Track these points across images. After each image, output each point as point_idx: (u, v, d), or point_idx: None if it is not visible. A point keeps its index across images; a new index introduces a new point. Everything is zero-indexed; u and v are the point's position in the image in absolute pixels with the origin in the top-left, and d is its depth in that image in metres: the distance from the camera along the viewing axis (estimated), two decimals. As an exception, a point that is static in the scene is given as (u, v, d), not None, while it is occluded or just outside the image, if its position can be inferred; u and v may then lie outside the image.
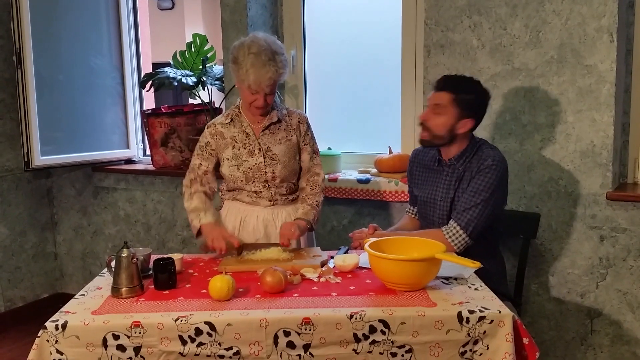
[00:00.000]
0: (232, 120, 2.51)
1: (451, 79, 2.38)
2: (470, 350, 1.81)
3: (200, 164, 2.54)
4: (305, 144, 2.55)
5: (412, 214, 2.67)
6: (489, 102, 2.41)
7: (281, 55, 2.37)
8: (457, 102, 2.32)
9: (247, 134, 2.48)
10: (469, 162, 2.36)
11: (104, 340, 1.77)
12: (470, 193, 2.30)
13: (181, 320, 1.78)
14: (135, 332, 1.78)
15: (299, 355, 1.80)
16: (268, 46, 2.35)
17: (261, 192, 2.50)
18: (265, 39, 2.38)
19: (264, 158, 2.47)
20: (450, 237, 2.30)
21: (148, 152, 3.94)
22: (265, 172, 2.47)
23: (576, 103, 2.74)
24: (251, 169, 2.47)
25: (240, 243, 2.37)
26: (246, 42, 2.38)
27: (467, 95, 2.33)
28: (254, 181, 2.49)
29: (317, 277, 2.11)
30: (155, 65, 4.45)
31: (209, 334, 1.78)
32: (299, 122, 2.54)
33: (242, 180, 2.49)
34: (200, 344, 1.78)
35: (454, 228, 2.30)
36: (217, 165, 2.55)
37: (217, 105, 3.63)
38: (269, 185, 2.50)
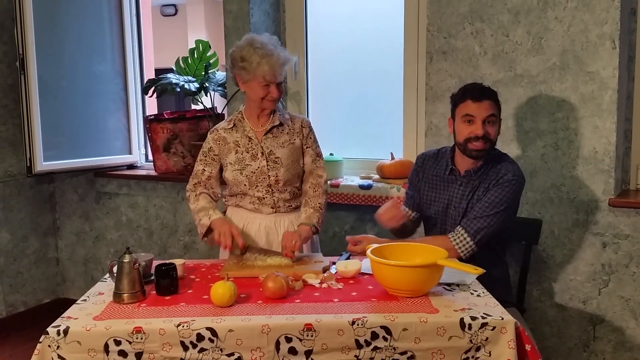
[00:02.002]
0: (234, 125, 2.52)
1: (485, 88, 2.37)
2: (473, 356, 1.80)
3: (204, 169, 2.54)
4: (307, 147, 2.55)
5: (406, 213, 2.65)
6: None
7: (282, 47, 2.46)
8: (499, 110, 2.36)
9: (250, 138, 2.49)
10: (485, 173, 2.36)
11: (106, 346, 1.77)
12: (485, 203, 2.30)
13: (183, 326, 1.78)
14: (137, 338, 1.78)
15: (301, 362, 1.79)
16: (269, 39, 2.44)
17: (264, 198, 2.50)
18: (262, 35, 2.46)
19: (267, 161, 2.47)
20: (457, 243, 2.29)
21: (150, 157, 3.94)
22: (269, 175, 2.47)
23: (578, 109, 2.74)
24: (254, 172, 2.47)
25: (245, 244, 2.38)
26: (247, 41, 2.42)
27: (498, 102, 2.37)
28: (257, 185, 2.49)
29: (319, 283, 2.11)
30: (158, 71, 4.46)
31: (211, 340, 1.78)
32: (301, 125, 2.55)
33: (245, 185, 2.49)
34: (201, 350, 1.78)
35: (462, 235, 2.30)
36: (221, 171, 2.56)
37: (219, 111, 3.64)
38: (272, 190, 2.50)
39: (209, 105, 3.63)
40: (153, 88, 3.60)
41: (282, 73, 2.41)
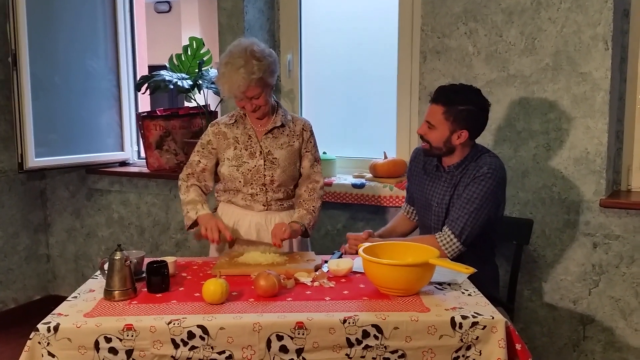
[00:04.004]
0: (236, 121, 2.52)
1: (445, 90, 2.35)
2: (463, 355, 1.81)
3: (199, 161, 2.54)
4: (306, 151, 2.55)
5: (406, 212, 2.67)
6: (487, 112, 2.38)
7: (259, 60, 2.35)
8: (448, 114, 2.30)
9: (250, 136, 2.49)
10: (466, 169, 2.36)
11: (96, 343, 1.77)
12: (464, 200, 2.31)
13: (174, 324, 1.78)
14: (128, 335, 1.77)
15: (292, 360, 1.79)
16: (243, 52, 2.35)
17: (257, 194, 2.50)
18: (243, 45, 2.38)
19: (264, 161, 2.47)
20: (444, 244, 2.30)
21: (143, 154, 3.93)
22: (264, 175, 2.47)
23: (571, 110, 2.75)
24: (250, 170, 2.47)
25: (232, 238, 2.40)
26: (226, 52, 2.42)
27: (461, 106, 2.30)
28: (252, 183, 2.49)
29: (311, 282, 2.11)
30: (151, 68, 4.45)
31: (202, 338, 1.77)
32: (302, 128, 2.55)
33: (240, 181, 2.49)
34: (192, 348, 1.78)
35: (448, 236, 2.30)
36: (216, 165, 2.56)
37: (212, 109, 3.63)
38: (266, 189, 2.50)
39: (202, 103, 3.62)
40: (146, 85, 3.58)
41: (244, 92, 2.34)
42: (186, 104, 4.05)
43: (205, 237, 2.38)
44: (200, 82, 3.57)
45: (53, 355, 1.77)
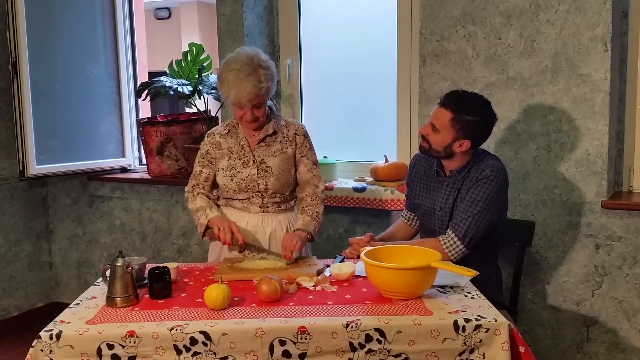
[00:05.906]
0: (229, 131, 2.53)
1: (456, 97, 2.33)
2: (467, 359, 1.80)
3: (201, 170, 2.55)
4: (302, 156, 2.54)
5: (405, 219, 2.66)
6: (492, 126, 2.37)
7: (265, 69, 2.37)
8: (455, 122, 2.29)
9: (243, 146, 2.50)
10: (469, 172, 2.36)
11: (99, 350, 1.77)
12: (467, 203, 2.31)
13: (176, 330, 1.78)
14: (130, 342, 1.77)
15: (295, 365, 1.79)
16: (250, 60, 2.36)
17: (253, 198, 2.51)
18: (248, 54, 2.39)
19: (258, 170, 2.47)
20: (447, 247, 2.30)
21: (144, 160, 3.93)
22: (258, 183, 2.48)
23: (571, 112, 2.75)
24: (244, 180, 2.48)
25: (245, 241, 2.39)
26: (230, 58, 2.41)
27: (470, 116, 2.29)
28: (246, 191, 2.50)
29: (313, 286, 2.11)
30: (152, 74, 4.46)
31: (204, 344, 1.77)
32: (295, 133, 2.54)
33: (235, 190, 2.50)
34: (195, 354, 1.78)
35: (452, 238, 2.30)
36: None
37: (213, 114, 3.63)
38: (262, 195, 2.51)
39: (202, 108, 3.62)
40: (146, 91, 3.59)
41: (251, 100, 2.35)
42: (187, 109, 4.06)
43: (218, 237, 2.38)
44: (200, 87, 3.57)
45: (56, 363, 1.76)
